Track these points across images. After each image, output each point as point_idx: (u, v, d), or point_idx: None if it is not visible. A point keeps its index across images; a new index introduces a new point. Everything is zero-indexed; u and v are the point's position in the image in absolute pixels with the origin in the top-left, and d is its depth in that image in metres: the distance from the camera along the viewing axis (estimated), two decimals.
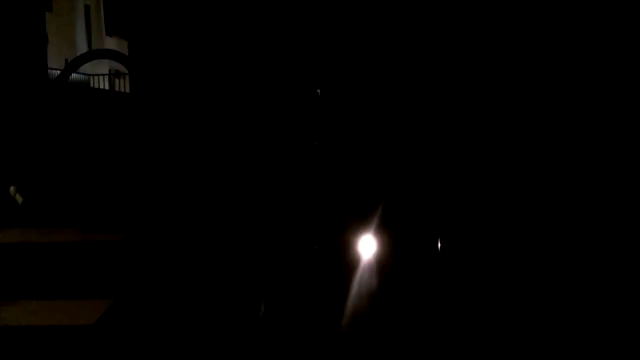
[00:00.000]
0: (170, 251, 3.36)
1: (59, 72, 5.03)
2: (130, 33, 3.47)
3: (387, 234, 4.20)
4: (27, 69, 4.65)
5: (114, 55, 4.72)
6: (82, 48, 19.45)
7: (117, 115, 4.12)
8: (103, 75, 15.36)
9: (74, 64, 4.56)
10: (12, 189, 3.58)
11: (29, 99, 4.50)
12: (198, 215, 3.56)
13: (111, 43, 21.22)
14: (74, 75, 14.09)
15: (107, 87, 14.90)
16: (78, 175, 3.63)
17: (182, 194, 3.42)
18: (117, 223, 3.44)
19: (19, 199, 3.54)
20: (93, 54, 4.79)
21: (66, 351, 2.93)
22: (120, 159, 3.58)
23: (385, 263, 4.11)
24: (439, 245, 4.22)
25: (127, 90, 13.10)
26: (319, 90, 4.25)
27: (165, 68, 3.77)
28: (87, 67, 15.29)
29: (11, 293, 3.38)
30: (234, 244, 3.54)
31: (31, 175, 3.66)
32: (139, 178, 3.38)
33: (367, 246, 4.16)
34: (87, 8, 21.12)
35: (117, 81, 15.05)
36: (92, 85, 14.27)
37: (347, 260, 4.10)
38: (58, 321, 3.08)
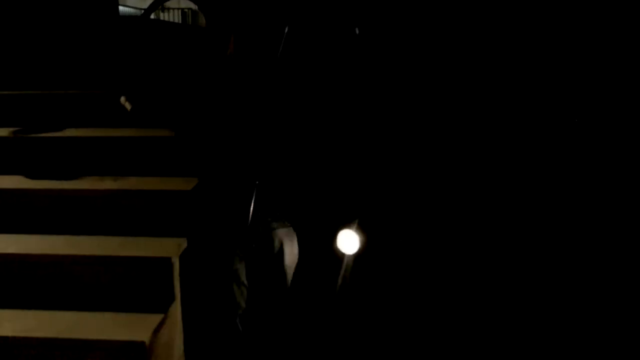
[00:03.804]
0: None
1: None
2: None
3: None
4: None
5: None
6: None
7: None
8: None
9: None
10: (122, 98, 4.48)
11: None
12: None
13: None
14: (126, 10, 14.85)
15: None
16: (172, 89, 4.53)
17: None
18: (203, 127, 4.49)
19: (128, 106, 4.45)
20: None
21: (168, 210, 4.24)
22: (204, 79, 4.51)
23: None
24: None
25: None
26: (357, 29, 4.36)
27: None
28: (137, 4, 16.27)
29: (120, 170, 4.68)
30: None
31: (137, 87, 4.65)
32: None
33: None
34: None
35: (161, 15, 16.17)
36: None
37: None
38: (161, 188, 4.40)
